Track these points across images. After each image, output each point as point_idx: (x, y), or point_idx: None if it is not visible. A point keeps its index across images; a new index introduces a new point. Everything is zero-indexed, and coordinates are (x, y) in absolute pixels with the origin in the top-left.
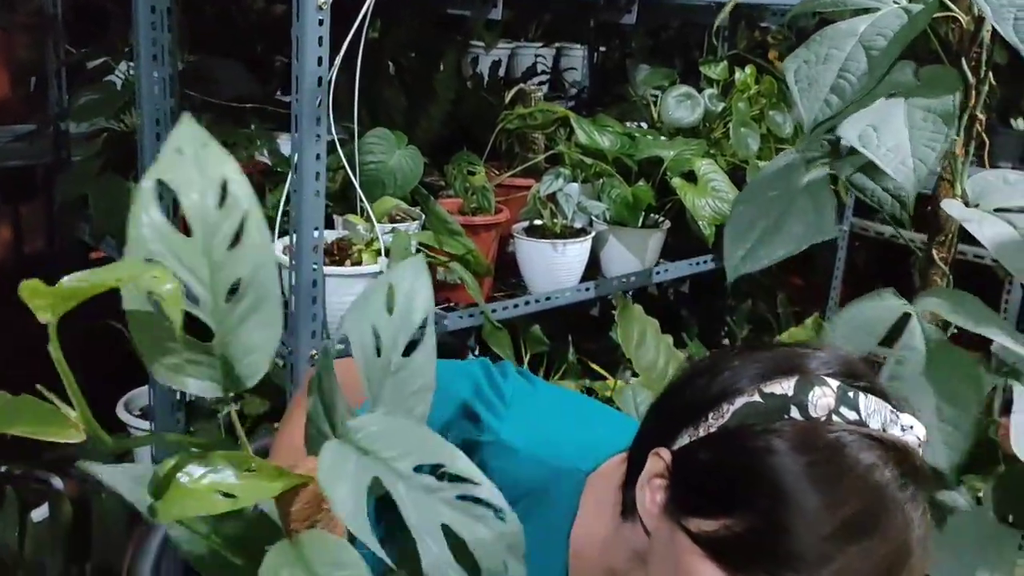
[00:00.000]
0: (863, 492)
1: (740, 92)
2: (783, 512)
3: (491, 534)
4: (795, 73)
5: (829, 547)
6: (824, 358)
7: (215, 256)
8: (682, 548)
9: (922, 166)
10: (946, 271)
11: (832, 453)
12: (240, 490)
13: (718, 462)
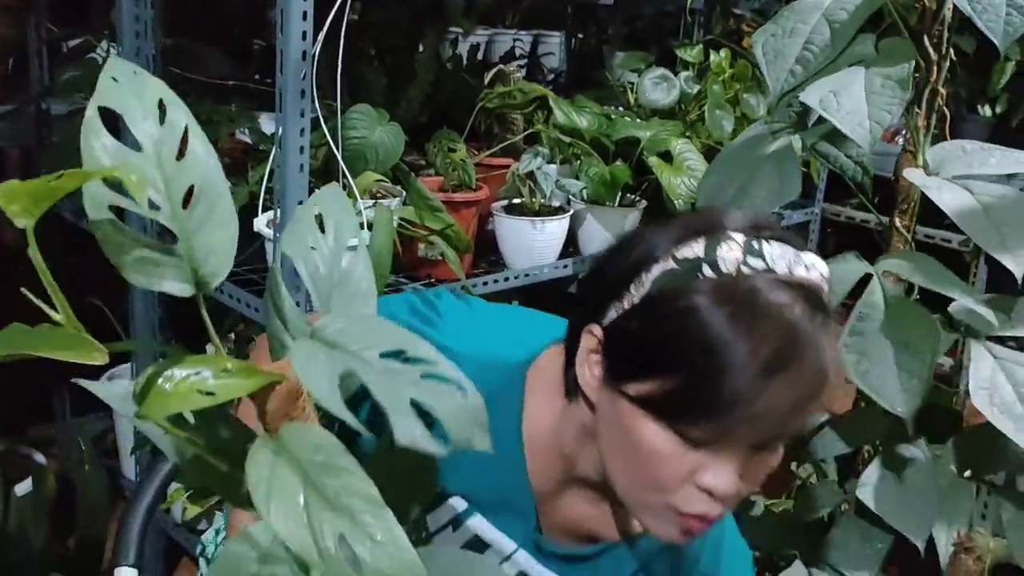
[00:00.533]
0: (780, 330)
1: (715, 75)
2: (712, 362)
3: (456, 407)
4: (763, 46)
5: (757, 384)
6: (731, 215)
7: (166, 168)
8: (625, 412)
9: (878, 127)
10: (908, 237)
11: (747, 300)
12: (218, 388)
13: (646, 328)
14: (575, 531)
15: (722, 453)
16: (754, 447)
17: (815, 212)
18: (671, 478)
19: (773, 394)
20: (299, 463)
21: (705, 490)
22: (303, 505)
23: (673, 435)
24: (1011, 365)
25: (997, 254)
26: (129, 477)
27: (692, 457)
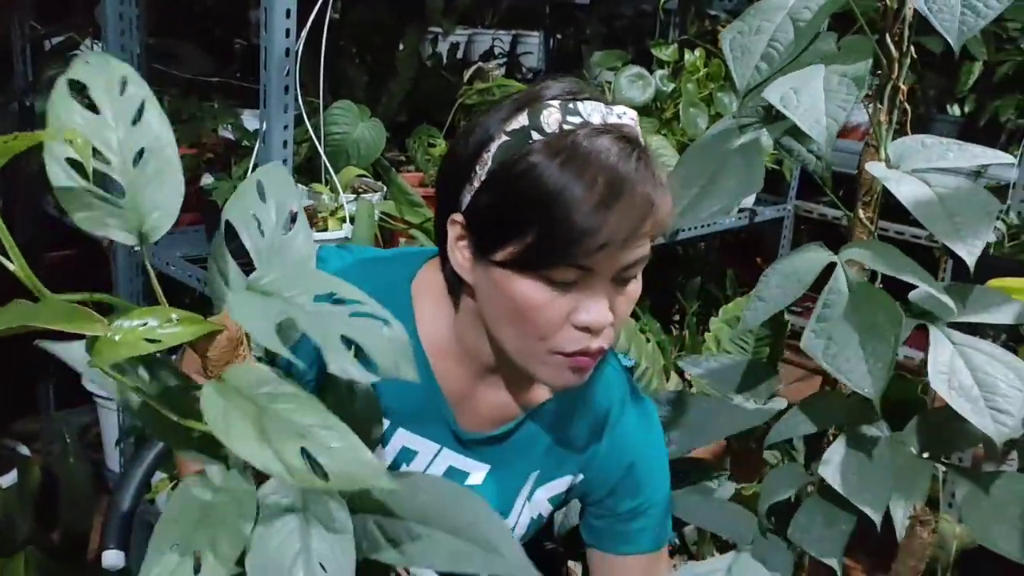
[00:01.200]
0: (605, 169)
1: (690, 74)
2: (554, 209)
3: (381, 339)
4: (730, 43)
5: (595, 219)
6: (548, 87)
7: (120, 130)
8: (498, 279)
9: (834, 123)
10: (871, 229)
11: (572, 150)
12: (163, 336)
13: (496, 198)
14: (492, 419)
15: (588, 291)
16: (616, 280)
17: (788, 209)
18: (550, 323)
19: (612, 223)
20: (249, 397)
21: (582, 328)
22: (261, 431)
23: (542, 283)
24: (968, 350)
25: (951, 243)
26: (113, 469)
27: (564, 301)
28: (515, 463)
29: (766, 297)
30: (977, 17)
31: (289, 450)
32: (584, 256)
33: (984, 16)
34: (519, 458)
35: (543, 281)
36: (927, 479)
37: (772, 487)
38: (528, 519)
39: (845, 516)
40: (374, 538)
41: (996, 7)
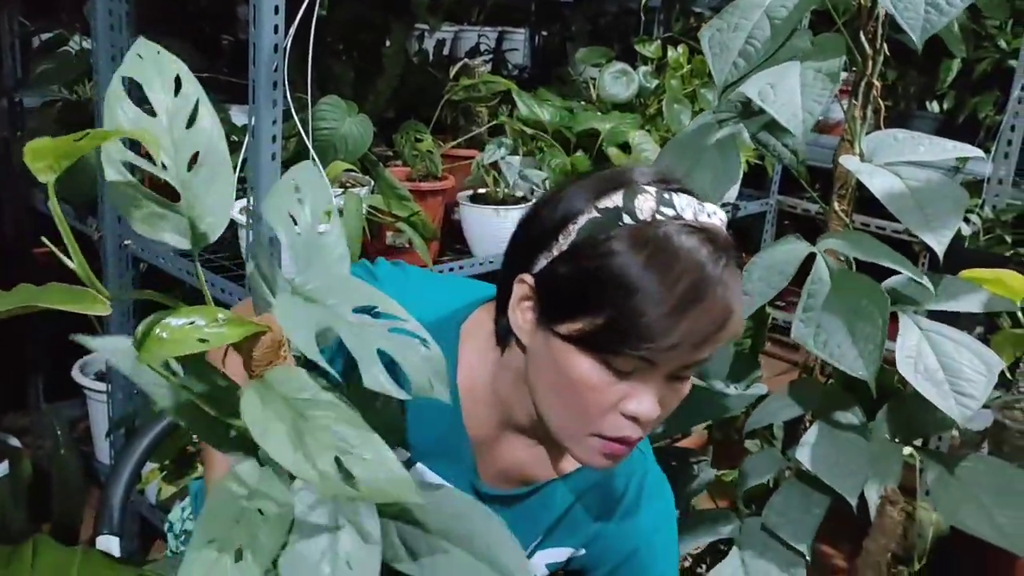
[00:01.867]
0: (690, 269)
1: (673, 70)
2: (632, 299)
3: (418, 357)
4: (709, 40)
5: (672, 319)
6: (643, 171)
7: (176, 134)
8: (557, 350)
9: (810, 117)
10: (846, 220)
11: (662, 244)
12: (210, 336)
13: (573, 272)
14: (510, 475)
15: (643, 382)
16: (671, 376)
17: (770, 203)
18: (599, 406)
19: (686, 326)
20: (287, 401)
21: (630, 417)
22: (297, 436)
23: (601, 366)
24: (935, 336)
25: (921, 233)
26: (103, 461)
27: (618, 388)
28: (523, 525)
29: (750, 291)
30: (940, 15)
31: (324, 458)
32: (650, 353)
33: (946, 14)
34: (528, 522)
35: (603, 365)
36: (899, 462)
37: (750, 471)
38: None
39: (819, 499)
40: (395, 547)
41: (958, 5)
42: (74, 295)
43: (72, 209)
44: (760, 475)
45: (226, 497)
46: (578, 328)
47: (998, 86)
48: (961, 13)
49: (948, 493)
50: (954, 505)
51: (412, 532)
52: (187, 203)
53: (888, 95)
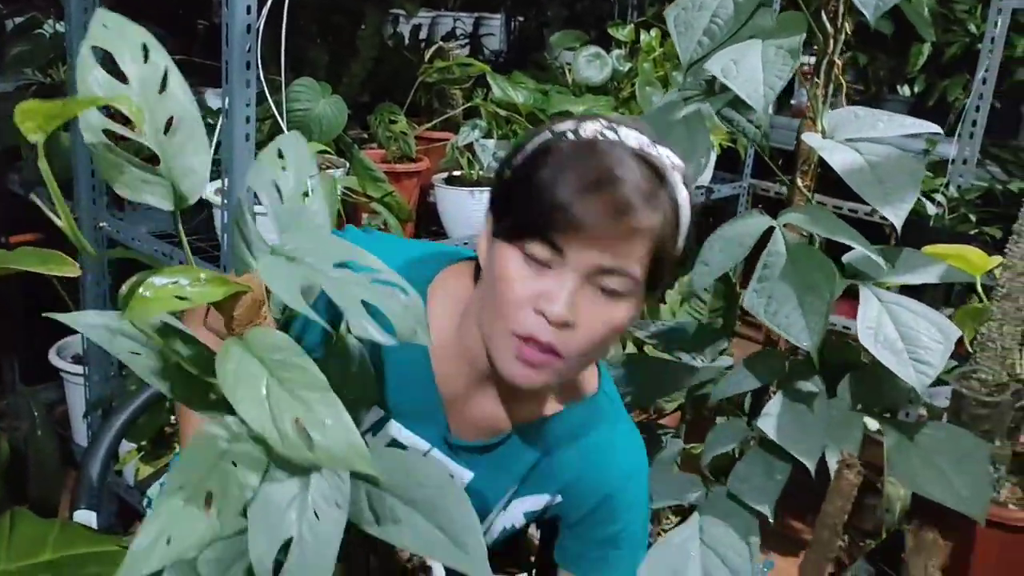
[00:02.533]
0: (604, 167)
1: (646, 53)
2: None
3: (400, 306)
4: (675, 19)
5: (574, 199)
6: (608, 116)
7: (150, 99)
8: (494, 253)
9: (771, 92)
10: (808, 196)
11: (590, 148)
12: (193, 294)
13: (512, 180)
14: (482, 426)
15: (557, 279)
16: (589, 282)
17: (743, 186)
18: (515, 299)
19: (585, 209)
20: (262, 360)
21: (539, 312)
22: (265, 394)
23: (520, 256)
24: (894, 307)
25: (880, 207)
26: (80, 443)
27: (534, 283)
28: (498, 475)
29: (710, 261)
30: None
31: (286, 418)
32: (554, 232)
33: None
34: (502, 471)
35: (521, 253)
36: (859, 429)
37: (716, 441)
38: (500, 527)
39: (781, 466)
40: (360, 506)
41: None
42: (44, 257)
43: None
44: (725, 444)
45: (200, 449)
46: (504, 224)
47: (967, 69)
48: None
49: (907, 460)
50: (913, 472)
51: (376, 493)
52: (166, 166)
53: (859, 79)
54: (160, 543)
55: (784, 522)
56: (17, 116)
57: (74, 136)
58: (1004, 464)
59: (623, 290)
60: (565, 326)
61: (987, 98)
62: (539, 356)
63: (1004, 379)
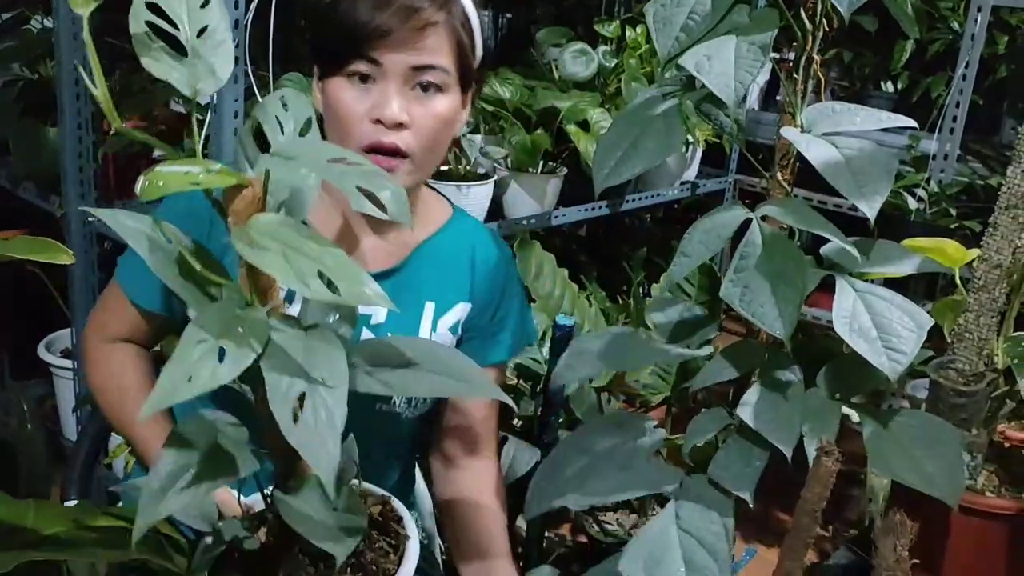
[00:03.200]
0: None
1: (632, 50)
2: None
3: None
4: (653, 15)
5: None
6: None
7: (190, 9)
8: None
9: (741, 87)
10: (787, 189)
11: None
12: (202, 180)
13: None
14: (375, 261)
15: (383, 90)
16: (409, 85)
17: (728, 181)
18: (353, 117)
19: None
20: (272, 235)
21: (376, 120)
22: (286, 258)
23: (345, 81)
24: (869, 296)
25: (855, 200)
26: (70, 438)
27: (364, 99)
28: (408, 296)
29: (689, 252)
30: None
31: (308, 273)
32: (366, 45)
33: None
34: (411, 292)
35: (345, 78)
36: (837, 416)
37: (696, 430)
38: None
39: (759, 452)
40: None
41: None
42: (38, 245)
43: (35, 187)
44: (705, 433)
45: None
46: (325, 60)
47: (950, 66)
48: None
49: (882, 446)
50: (889, 459)
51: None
52: (192, 62)
53: (844, 75)
54: (183, 382)
55: (769, 514)
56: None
57: (62, 130)
58: (981, 452)
59: (440, 83)
60: (400, 126)
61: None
62: (388, 161)
63: (981, 369)
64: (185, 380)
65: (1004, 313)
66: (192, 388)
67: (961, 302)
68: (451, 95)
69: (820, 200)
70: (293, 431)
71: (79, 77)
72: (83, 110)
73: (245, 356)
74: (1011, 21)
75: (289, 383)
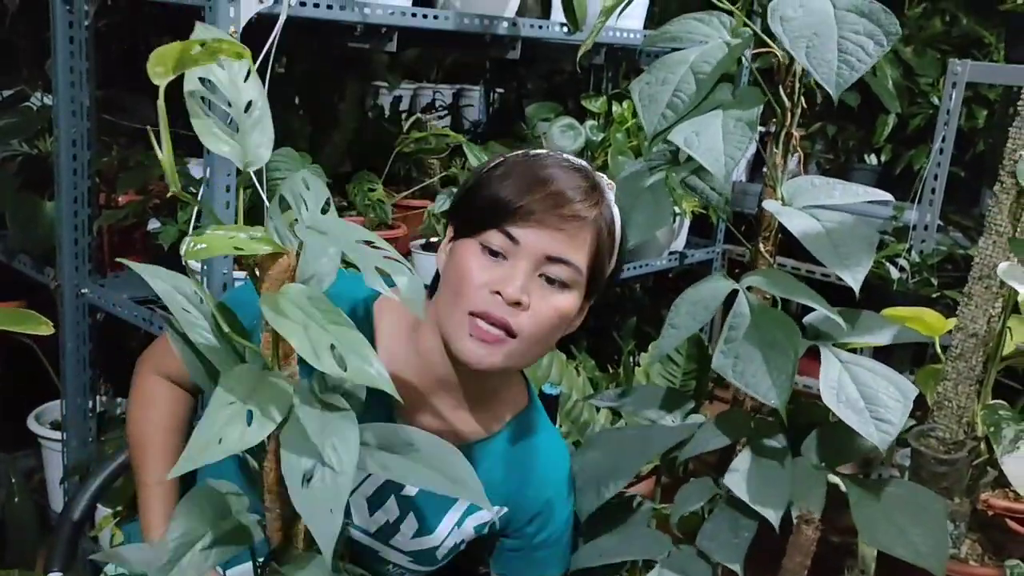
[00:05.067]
0: (540, 167)
1: (619, 124)
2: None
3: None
4: (639, 93)
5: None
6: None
7: (238, 84)
8: (454, 251)
9: (731, 161)
10: (770, 260)
11: (527, 157)
12: (245, 245)
13: (471, 188)
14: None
15: (512, 267)
16: (539, 272)
17: (716, 251)
18: (474, 283)
19: (532, 201)
20: (299, 304)
21: (495, 292)
22: (306, 328)
23: (479, 248)
24: (854, 367)
25: (838, 271)
26: (57, 510)
27: (492, 271)
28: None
29: (677, 324)
30: (851, 70)
31: (323, 345)
32: (509, 221)
33: (857, 69)
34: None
35: (479, 246)
36: (823, 486)
37: (684, 499)
38: (453, 543)
39: (747, 523)
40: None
41: (868, 60)
42: (19, 317)
43: (30, 260)
44: (693, 503)
45: (241, 373)
46: (465, 223)
47: (931, 139)
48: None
49: (868, 515)
50: (875, 528)
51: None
52: (242, 135)
53: (829, 148)
54: (214, 443)
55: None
56: (151, 61)
57: (59, 203)
58: (964, 521)
59: (569, 280)
60: (518, 305)
61: (944, 167)
62: (492, 332)
63: (961, 437)
64: (216, 441)
65: (982, 381)
66: (222, 449)
67: (941, 371)
68: (575, 295)
69: (808, 269)
70: (299, 495)
71: (77, 153)
72: (80, 184)
73: (269, 422)
74: (989, 96)
75: (302, 452)
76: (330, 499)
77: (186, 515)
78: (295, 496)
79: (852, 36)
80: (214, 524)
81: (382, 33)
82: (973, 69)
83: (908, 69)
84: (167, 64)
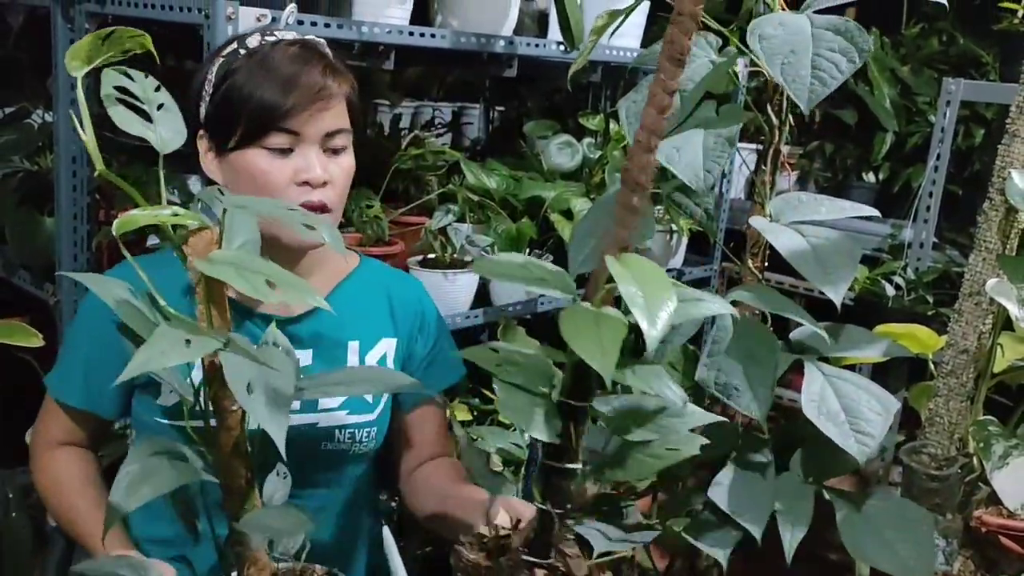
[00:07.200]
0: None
1: (616, 142)
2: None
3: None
4: (625, 111)
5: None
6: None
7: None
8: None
9: (709, 176)
10: (758, 276)
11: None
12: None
13: (219, 102)
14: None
15: (302, 156)
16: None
17: (714, 268)
18: (278, 183)
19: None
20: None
21: (302, 184)
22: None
23: (264, 152)
24: (836, 380)
25: (822, 286)
26: (54, 525)
27: (285, 166)
28: (331, 338)
29: (666, 339)
30: (823, 86)
31: (259, 281)
32: (282, 121)
33: (829, 85)
34: (333, 332)
35: (264, 150)
36: (809, 500)
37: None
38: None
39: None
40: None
41: (840, 77)
42: (8, 330)
43: (29, 275)
44: (675, 514)
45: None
46: (236, 136)
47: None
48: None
49: (855, 530)
50: (862, 543)
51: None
52: (156, 127)
53: (827, 166)
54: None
55: None
56: (67, 56)
57: (58, 219)
58: (956, 538)
59: (345, 144)
60: (324, 185)
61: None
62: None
63: (952, 453)
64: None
65: (973, 397)
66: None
67: (933, 387)
68: (351, 151)
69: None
70: (247, 400)
71: (76, 169)
72: (79, 200)
73: (210, 344)
74: (986, 115)
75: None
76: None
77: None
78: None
79: (827, 53)
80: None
81: (380, 51)
82: (967, 88)
83: (906, 88)
84: (81, 57)
